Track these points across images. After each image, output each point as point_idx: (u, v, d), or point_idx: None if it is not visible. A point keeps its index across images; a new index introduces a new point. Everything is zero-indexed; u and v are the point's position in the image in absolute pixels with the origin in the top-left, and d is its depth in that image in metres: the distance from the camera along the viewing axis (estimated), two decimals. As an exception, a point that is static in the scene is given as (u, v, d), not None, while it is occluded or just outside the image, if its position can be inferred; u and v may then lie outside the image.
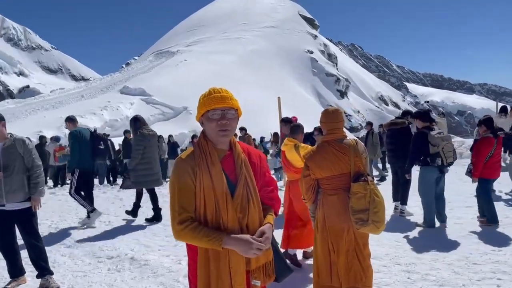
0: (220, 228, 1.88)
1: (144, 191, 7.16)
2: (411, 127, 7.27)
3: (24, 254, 4.27)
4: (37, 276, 4.14)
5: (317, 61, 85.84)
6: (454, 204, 7.06)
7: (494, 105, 17.55)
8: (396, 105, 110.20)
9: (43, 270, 4.13)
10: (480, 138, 6.09)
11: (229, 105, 1.94)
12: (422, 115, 6.04)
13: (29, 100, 46.29)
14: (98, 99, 40.90)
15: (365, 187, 3.03)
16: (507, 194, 8.19)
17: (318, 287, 3.28)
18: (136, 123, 6.91)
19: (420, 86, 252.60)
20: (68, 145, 7.52)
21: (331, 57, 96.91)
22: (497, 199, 7.56)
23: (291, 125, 5.18)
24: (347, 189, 3.13)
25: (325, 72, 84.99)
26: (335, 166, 3.17)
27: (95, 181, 12.41)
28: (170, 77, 49.16)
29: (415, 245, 5.06)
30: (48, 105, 40.28)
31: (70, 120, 6.94)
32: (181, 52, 69.23)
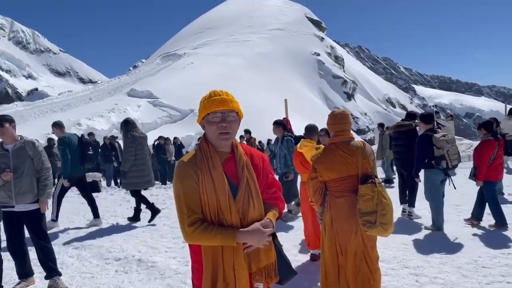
0: None
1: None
2: (418, 129, 7.22)
3: (33, 255, 4.32)
4: (45, 277, 4.18)
5: (324, 63, 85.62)
6: (463, 207, 7.00)
7: (503, 107, 17.38)
8: (403, 107, 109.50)
9: (52, 271, 4.17)
10: (481, 142, 6.12)
11: (229, 107, 1.92)
12: (425, 117, 6.02)
13: (38, 102, 46.56)
14: (105, 102, 41.03)
15: (372, 189, 3.02)
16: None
17: (325, 289, 3.27)
18: (126, 125, 6.96)
19: (428, 88, 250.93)
20: (58, 151, 7.38)
21: (338, 59, 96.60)
22: (504, 201, 7.53)
23: (306, 126, 5.13)
24: (355, 191, 3.13)
25: (332, 74, 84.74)
26: (342, 168, 3.16)
27: (103, 183, 12.50)
28: (177, 79, 49.26)
29: (423, 248, 5.03)
30: (56, 108, 40.51)
31: (57, 126, 6.74)
32: (188, 55, 69.37)
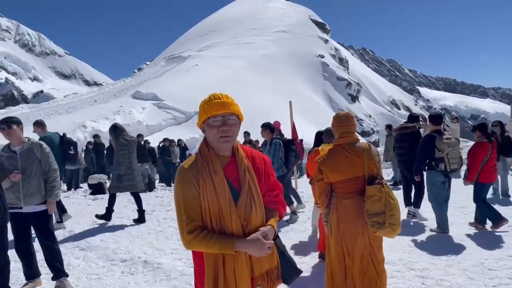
0: None
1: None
2: (421, 131, 7.22)
3: (40, 256, 4.34)
4: (52, 278, 4.20)
5: (328, 65, 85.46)
6: (468, 209, 6.97)
7: (508, 109, 17.34)
8: (408, 109, 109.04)
9: (59, 272, 4.19)
10: (474, 143, 6.24)
11: (230, 111, 1.91)
12: (434, 118, 6.02)
13: (43, 105, 46.81)
14: (110, 104, 41.19)
15: (380, 190, 3.03)
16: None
17: (331, 291, 3.27)
18: (115, 130, 7.06)
19: (433, 90, 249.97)
20: None
21: (342, 61, 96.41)
22: (508, 203, 7.56)
23: (324, 129, 5.04)
24: (361, 192, 3.13)
25: (336, 76, 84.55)
26: (348, 169, 3.17)
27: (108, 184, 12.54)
28: (182, 82, 49.38)
29: (429, 250, 5.01)
30: (61, 110, 40.69)
31: (38, 125, 6.70)
32: (192, 57, 69.49)
